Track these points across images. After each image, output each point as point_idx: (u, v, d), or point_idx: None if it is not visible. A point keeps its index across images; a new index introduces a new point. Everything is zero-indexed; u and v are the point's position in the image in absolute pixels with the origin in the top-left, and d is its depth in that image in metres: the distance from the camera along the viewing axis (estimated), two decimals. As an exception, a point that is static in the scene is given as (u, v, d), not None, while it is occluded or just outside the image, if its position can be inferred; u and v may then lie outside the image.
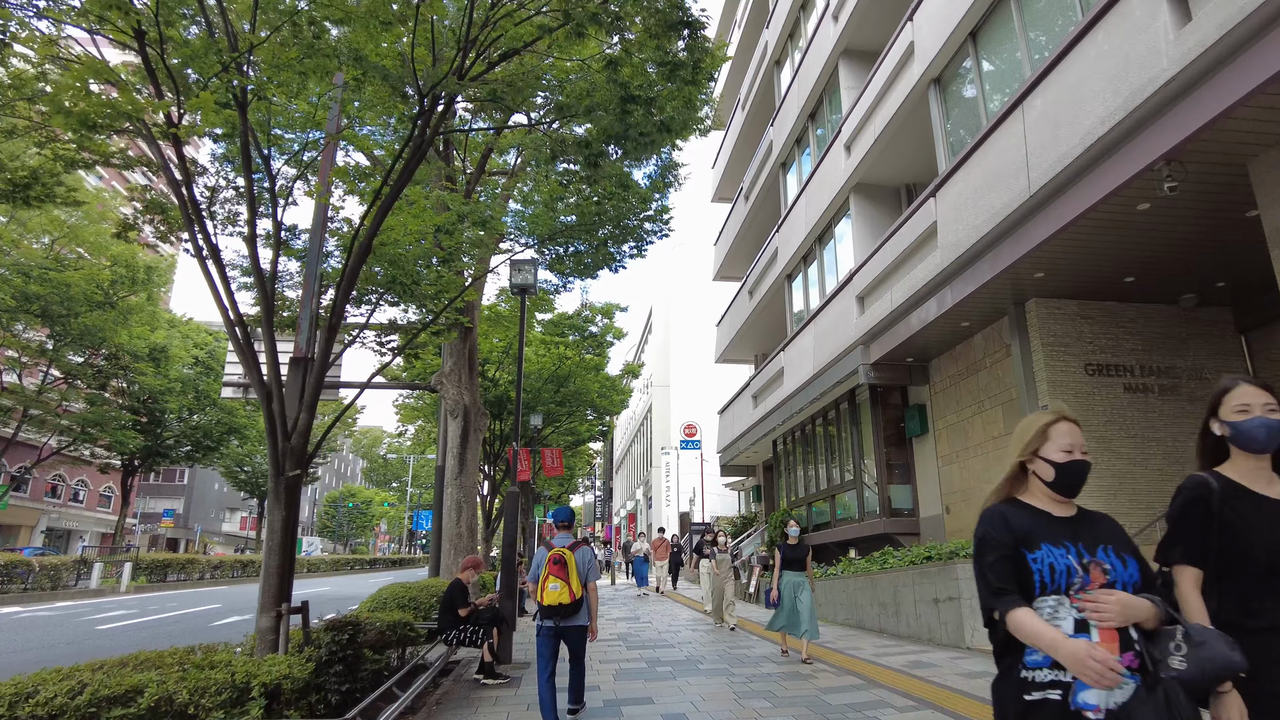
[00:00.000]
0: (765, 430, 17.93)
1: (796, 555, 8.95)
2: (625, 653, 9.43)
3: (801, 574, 8.85)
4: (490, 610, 7.97)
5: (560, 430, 28.91)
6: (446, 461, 15.00)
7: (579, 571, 5.52)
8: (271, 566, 6.20)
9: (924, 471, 12.46)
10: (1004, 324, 10.46)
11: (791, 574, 8.84)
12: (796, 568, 8.86)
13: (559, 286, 18.47)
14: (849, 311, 13.04)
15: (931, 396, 12.31)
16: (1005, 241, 8.77)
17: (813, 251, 15.79)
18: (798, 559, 8.93)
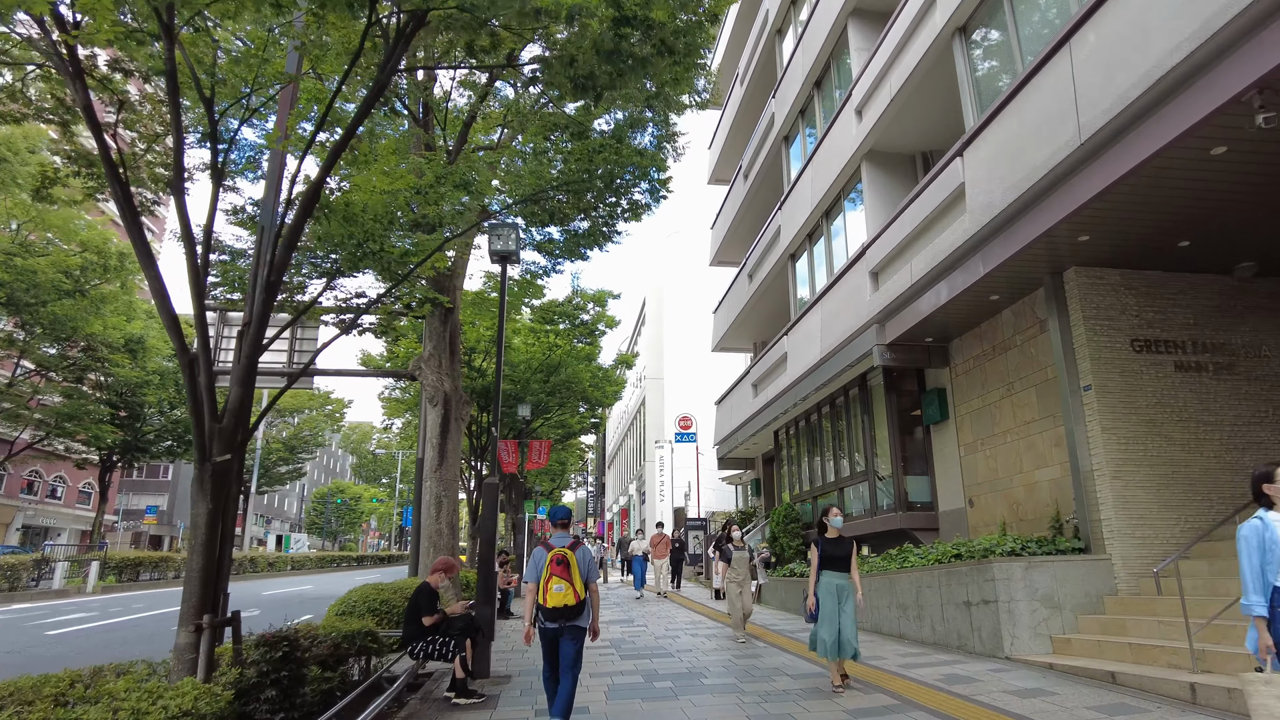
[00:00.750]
0: (766, 420, 16.92)
1: (839, 552, 6.98)
2: (618, 663, 8.41)
3: (845, 576, 6.93)
4: (463, 619, 6.93)
5: (550, 423, 27.86)
6: (426, 453, 13.98)
7: (581, 571, 5.35)
8: (194, 570, 5.14)
9: (944, 461, 11.48)
10: (1037, 297, 9.47)
11: (833, 575, 6.93)
12: (839, 567, 6.96)
13: (547, 269, 17.41)
14: (861, 288, 12.02)
15: (952, 380, 11.32)
16: (1047, 200, 7.77)
17: (819, 228, 14.77)
18: (840, 556, 6.97)
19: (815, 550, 7.07)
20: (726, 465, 22.59)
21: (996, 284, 9.31)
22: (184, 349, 5.44)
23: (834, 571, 6.94)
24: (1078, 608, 7.74)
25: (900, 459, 11.81)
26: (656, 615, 13.72)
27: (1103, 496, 8.05)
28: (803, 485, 16.11)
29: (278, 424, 54.52)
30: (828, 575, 6.95)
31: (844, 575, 6.94)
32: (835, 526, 7.12)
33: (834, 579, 6.91)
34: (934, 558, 9.11)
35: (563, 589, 5.22)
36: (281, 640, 5.07)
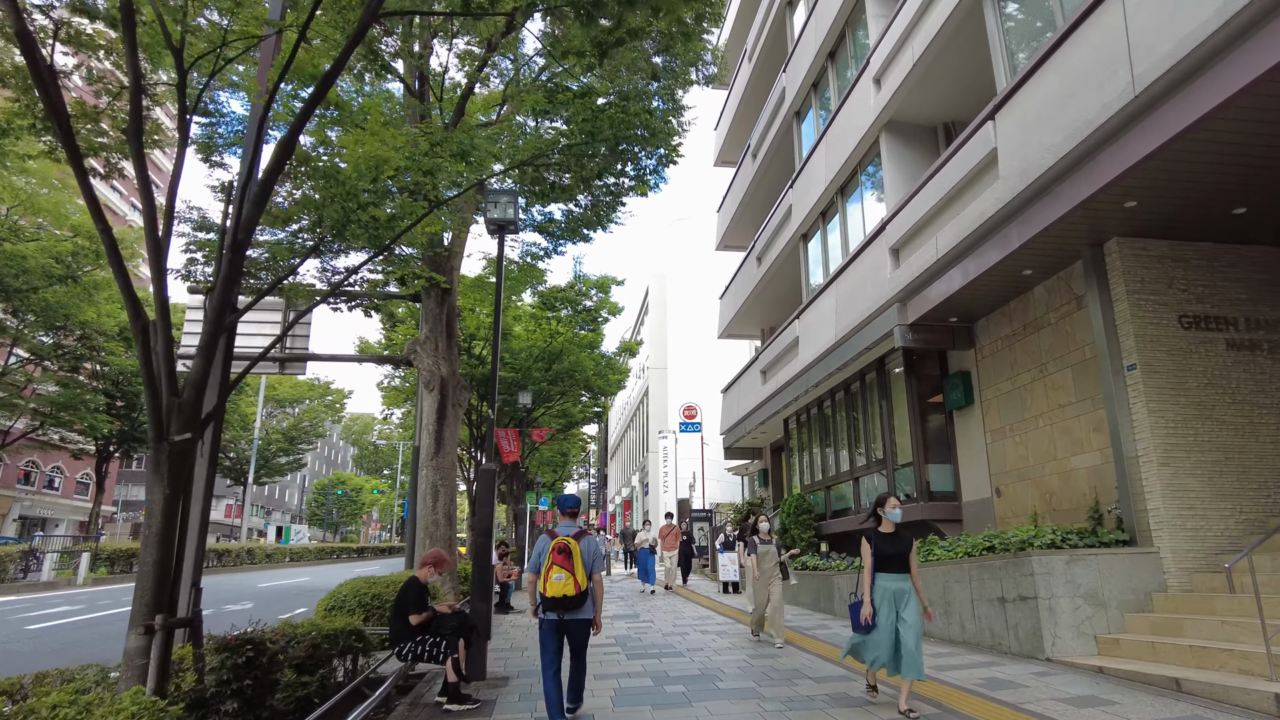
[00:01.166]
0: (775, 408, 16.30)
1: (897, 549, 5.71)
2: (625, 664, 7.81)
3: (905, 578, 5.70)
4: (456, 617, 6.33)
5: (552, 412, 27.26)
6: (422, 440, 13.38)
7: (584, 562, 5.23)
8: (148, 564, 4.54)
9: (968, 449, 10.85)
10: (1074, 272, 8.82)
11: (889, 579, 5.67)
12: (896, 568, 5.69)
13: (549, 250, 16.78)
14: (880, 266, 11.37)
15: (978, 362, 10.67)
16: (1092, 161, 7.11)
17: (834, 205, 14.10)
18: (898, 555, 5.70)
19: (868, 547, 5.79)
20: (733, 455, 21.97)
21: (1030, 257, 8.66)
22: (138, 313, 4.83)
23: (891, 573, 5.71)
24: (1124, 605, 7.12)
25: (921, 447, 11.18)
26: (663, 610, 13.14)
27: (1149, 485, 7.43)
28: (814, 475, 15.49)
29: (277, 415, 54.09)
30: (883, 578, 5.70)
31: (902, 578, 5.70)
32: (893, 519, 5.85)
33: (890, 582, 5.69)
34: (963, 551, 8.49)
35: (563, 578, 5.10)
36: (245, 644, 4.47)
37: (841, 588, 11.44)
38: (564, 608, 5.15)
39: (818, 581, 12.42)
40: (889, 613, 5.60)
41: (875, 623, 5.59)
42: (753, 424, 18.20)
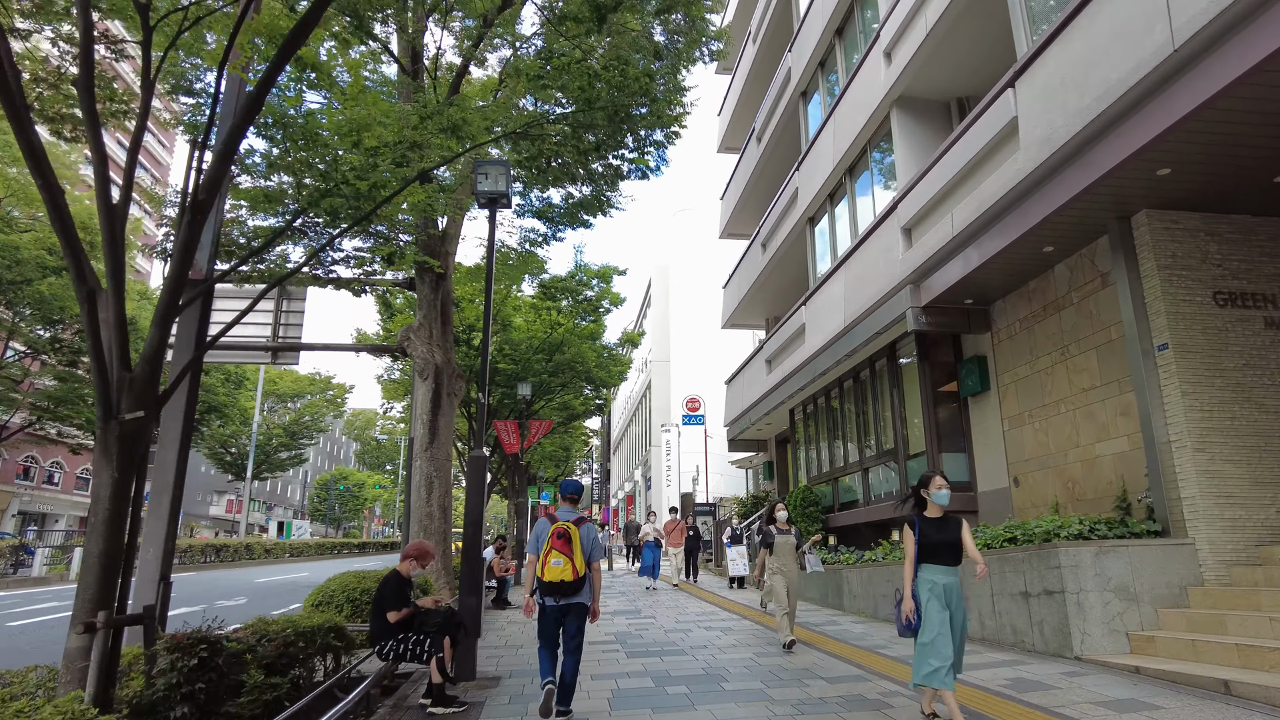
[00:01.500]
0: (781, 398, 15.84)
1: (946, 536, 4.84)
2: (624, 663, 7.37)
3: (954, 570, 4.87)
4: (442, 614, 5.89)
5: (553, 404, 26.82)
6: (417, 430, 12.97)
7: (584, 548, 5.18)
8: (92, 555, 4.10)
9: (983, 437, 10.38)
10: (1098, 248, 8.34)
11: (939, 572, 4.80)
12: (946, 559, 4.81)
13: (547, 236, 16.34)
14: (892, 247, 10.89)
15: (994, 346, 10.20)
16: (1124, 125, 6.63)
17: (842, 186, 13.61)
18: (948, 543, 4.83)
19: (911, 534, 4.87)
20: (737, 448, 21.53)
21: (1052, 232, 8.18)
22: (83, 276, 4.38)
23: (940, 565, 4.79)
24: (1157, 600, 6.66)
25: (934, 435, 10.71)
26: (666, 606, 12.71)
27: (1183, 472, 6.96)
28: (821, 466, 15.03)
29: (278, 410, 53.81)
30: (930, 570, 4.79)
31: (953, 571, 4.83)
32: (939, 502, 4.89)
33: (939, 575, 4.78)
34: (982, 543, 8.02)
35: (561, 563, 5.05)
36: (198, 644, 4.03)
37: (851, 581, 11.00)
38: (561, 593, 5.08)
39: (826, 575, 11.97)
40: (940, 609, 4.67)
41: (919, 622, 4.71)
42: (757, 415, 17.74)
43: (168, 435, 6.65)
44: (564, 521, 5.20)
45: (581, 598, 5.18)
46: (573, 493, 5.56)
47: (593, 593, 5.29)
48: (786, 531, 8.46)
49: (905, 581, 4.87)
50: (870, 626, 9.35)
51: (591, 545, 5.28)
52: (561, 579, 5.04)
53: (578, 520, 5.26)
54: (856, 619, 10.19)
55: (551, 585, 5.06)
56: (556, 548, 5.09)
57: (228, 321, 14.67)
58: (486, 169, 7.66)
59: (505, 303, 22.12)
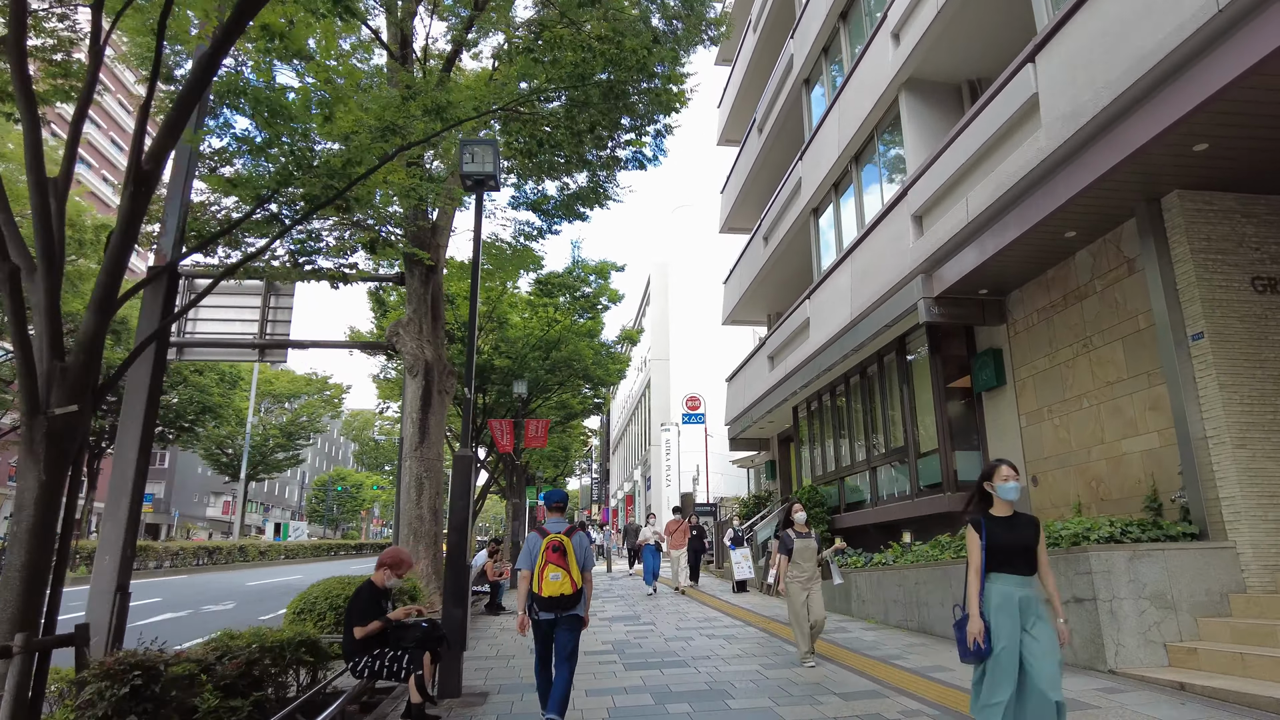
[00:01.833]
0: (784, 395, 15.35)
1: (1018, 540, 3.83)
2: (622, 676, 6.88)
3: (1033, 582, 3.83)
4: (421, 628, 5.39)
5: (550, 403, 26.34)
6: (406, 429, 12.50)
7: (578, 559, 5.04)
8: (14, 568, 3.60)
9: (999, 434, 9.89)
10: (1123, 232, 7.85)
11: (1011, 583, 3.77)
12: (1019, 566, 3.80)
13: (543, 229, 15.85)
14: (902, 236, 10.41)
15: (1010, 338, 9.71)
16: (1159, 96, 6.15)
17: (847, 175, 13.12)
18: (1020, 548, 3.82)
19: (976, 537, 3.84)
20: (738, 446, 21.03)
21: (1075, 216, 7.70)
22: (3, 253, 3.88)
23: (1012, 574, 3.77)
24: (1196, 608, 6.17)
25: (946, 433, 10.22)
26: (666, 611, 12.22)
27: (1222, 470, 6.47)
28: (826, 466, 14.54)
29: (275, 410, 53.29)
30: (1000, 581, 3.77)
31: (1028, 581, 3.79)
32: (1007, 497, 3.87)
33: (1013, 587, 3.74)
34: (1002, 546, 7.54)
35: (559, 577, 4.90)
36: (130, 669, 3.54)
37: (859, 585, 10.51)
38: (560, 607, 4.93)
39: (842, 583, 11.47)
40: (1013, 630, 3.67)
41: (989, 645, 3.68)
42: (759, 413, 17.25)
43: (127, 434, 6.17)
44: (556, 534, 5.04)
45: (579, 609, 5.07)
46: (558, 503, 5.43)
47: (585, 602, 5.17)
48: (806, 535, 7.64)
49: (970, 597, 3.81)
50: (881, 633, 8.86)
51: (585, 555, 5.18)
52: (561, 593, 4.90)
53: (569, 530, 5.12)
54: (866, 625, 9.71)
55: (551, 600, 4.92)
56: (552, 561, 4.95)
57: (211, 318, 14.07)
58: (473, 149, 7.17)
59: (501, 300, 21.64)
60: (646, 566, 15.84)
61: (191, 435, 40.69)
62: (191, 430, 40.01)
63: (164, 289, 6.35)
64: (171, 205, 6.70)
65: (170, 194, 6.76)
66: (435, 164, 13.71)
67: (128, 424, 6.14)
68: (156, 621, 13.18)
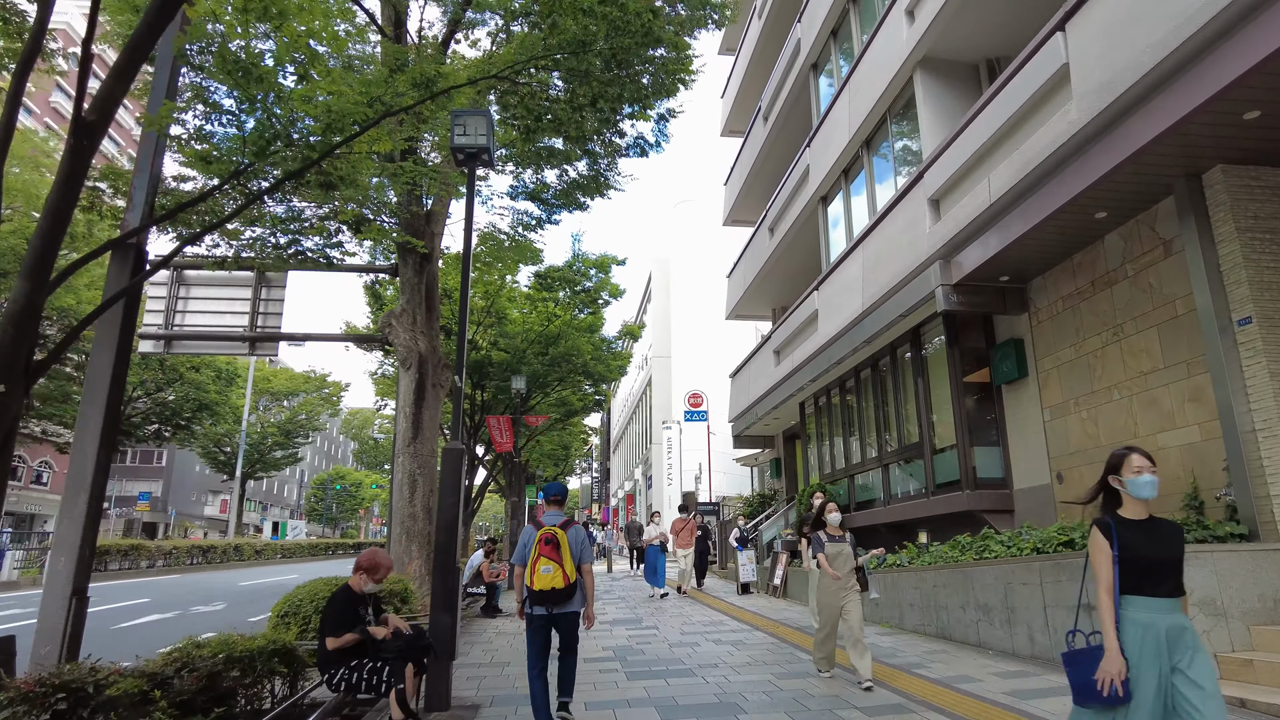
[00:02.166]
0: (790, 390, 14.86)
1: (1163, 550, 2.92)
2: (624, 686, 6.40)
3: (1176, 604, 2.87)
4: (402, 639, 4.91)
5: (550, 400, 25.86)
6: (400, 425, 12.03)
7: (572, 552, 4.98)
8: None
9: (1020, 429, 9.40)
10: (1158, 212, 7.37)
11: (1154, 608, 2.86)
12: (1161, 586, 2.88)
13: (542, 219, 15.38)
14: (917, 221, 9.92)
15: (1033, 327, 9.22)
16: (1206, 60, 5.66)
17: (859, 160, 12.63)
18: (1165, 560, 2.91)
19: (1105, 544, 2.96)
20: (743, 444, 20.55)
21: (1107, 195, 7.21)
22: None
23: (1154, 596, 2.88)
24: (1248, 615, 5.68)
25: (964, 428, 9.73)
26: (670, 615, 11.74)
27: (1273, 465, 5.99)
28: (835, 463, 14.06)
29: (272, 408, 52.89)
30: (1141, 607, 2.88)
31: (1174, 604, 2.88)
32: (1142, 495, 2.99)
33: (1156, 614, 2.85)
34: (1030, 546, 7.07)
35: (551, 570, 4.85)
36: (54, 692, 3.05)
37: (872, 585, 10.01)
38: (553, 601, 4.88)
39: (843, 581, 11.00)
40: (1157, 671, 2.78)
41: (1128, 691, 2.80)
42: (764, 409, 16.77)
43: (87, 425, 5.69)
44: (550, 526, 4.99)
45: (573, 605, 4.99)
46: (557, 495, 5.38)
47: (586, 598, 5.10)
48: (841, 539, 6.62)
49: (1106, 625, 2.87)
50: (898, 639, 8.37)
51: (581, 548, 5.08)
52: (552, 586, 4.82)
53: (565, 524, 5.06)
54: (881, 630, 9.22)
55: (543, 594, 4.84)
56: (545, 554, 4.88)
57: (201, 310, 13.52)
58: (464, 120, 6.68)
59: (500, 294, 21.16)
60: (649, 567, 14.79)
61: (188, 433, 40.24)
62: (188, 428, 39.57)
63: (130, 264, 5.87)
64: (140, 178, 6.23)
65: (139, 165, 6.29)
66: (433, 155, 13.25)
67: (88, 414, 5.66)
68: (143, 623, 12.72)
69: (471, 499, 21.68)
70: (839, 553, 6.59)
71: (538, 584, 4.84)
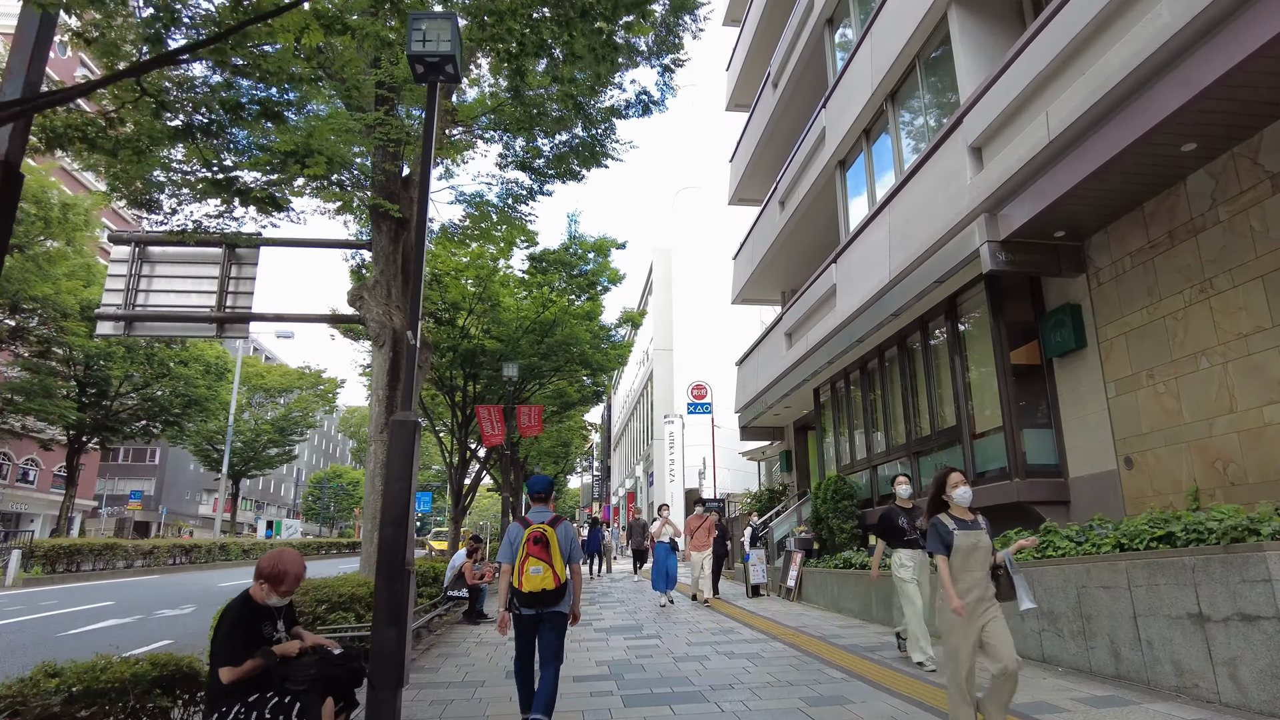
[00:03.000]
0: (804, 375, 13.64)
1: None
2: (619, 714, 5.19)
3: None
4: (316, 662, 3.68)
5: (546, 392, 24.65)
6: (372, 409, 10.84)
7: (562, 551, 4.69)
8: None
9: (1077, 407, 8.17)
10: (1263, 141, 6.14)
11: None
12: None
13: (532, 191, 14.17)
14: (955, 174, 8.69)
15: (1092, 290, 7.99)
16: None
17: (882, 116, 11.40)
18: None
19: None
20: (750, 436, 19.31)
21: (1199, 122, 5.99)
22: None
23: None
24: None
25: (1010, 407, 8.50)
26: (675, 621, 10.54)
27: None
28: (855, 453, 12.83)
29: (266, 405, 51.82)
30: None
31: None
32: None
33: None
34: (1111, 542, 5.84)
35: (540, 571, 4.59)
36: None
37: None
38: (543, 603, 4.61)
39: (867, 584, 9.79)
40: None
41: None
42: (774, 397, 15.55)
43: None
44: (538, 524, 4.73)
45: (563, 605, 4.70)
46: (542, 491, 5.04)
47: (573, 595, 4.85)
48: (974, 525, 4.26)
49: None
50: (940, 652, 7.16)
51: (571, 547, 4.81)
52: (543, 588, 4.55)
53: (553, 520, 4.78)
54: (917, 640, 8.00)
55: (532, 596, 4.57)
56: (534, 554, 4.63)
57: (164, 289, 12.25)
58: (423, 24, 5.47)
59: (492, 279, 19.95)
60: (658, 569, 12.57)
61: (178, 430, 39.12)
62: (177, 424, 38.46)
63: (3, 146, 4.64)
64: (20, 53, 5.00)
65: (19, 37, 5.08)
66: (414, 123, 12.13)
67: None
68: (96, 630, 11.53)
69: (463, 496, 20.47)
70: (974, 545, 4.14)
71: (527, 585, 4.55)
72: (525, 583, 4.55)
